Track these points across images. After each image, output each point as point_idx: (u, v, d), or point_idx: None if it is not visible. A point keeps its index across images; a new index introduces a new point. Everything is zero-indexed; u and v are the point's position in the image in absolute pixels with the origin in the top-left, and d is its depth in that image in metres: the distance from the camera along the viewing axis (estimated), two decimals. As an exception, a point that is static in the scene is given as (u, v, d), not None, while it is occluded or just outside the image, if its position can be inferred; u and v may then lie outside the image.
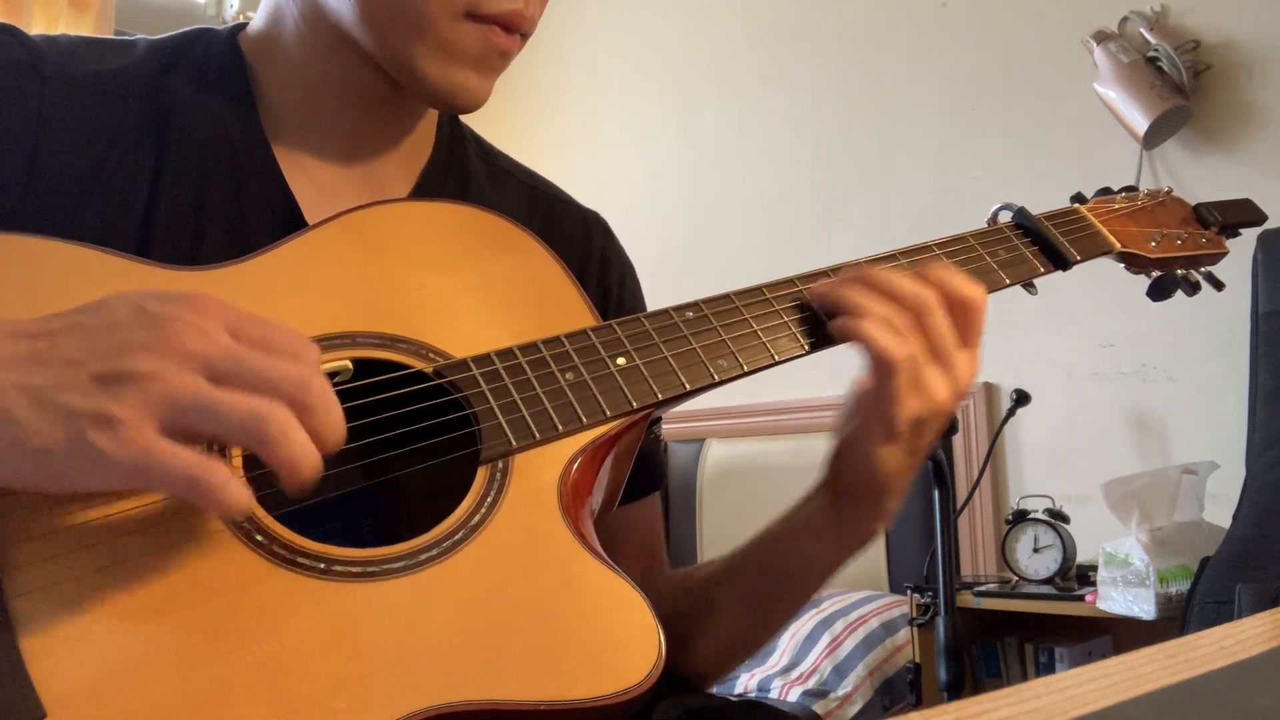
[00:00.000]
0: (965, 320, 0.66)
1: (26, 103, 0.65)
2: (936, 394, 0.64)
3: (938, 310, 0.65)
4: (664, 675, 0.75)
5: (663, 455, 0.86)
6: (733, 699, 0.78)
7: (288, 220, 0.70)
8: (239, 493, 0.45)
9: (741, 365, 0.66)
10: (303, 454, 0.45)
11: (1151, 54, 2.17)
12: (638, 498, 0.82)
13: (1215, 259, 0.88)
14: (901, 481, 0.68)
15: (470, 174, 0.81)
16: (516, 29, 0.69)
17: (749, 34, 2.98)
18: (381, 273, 0.64)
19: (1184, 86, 2.14)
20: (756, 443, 2.75)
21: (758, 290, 0.70)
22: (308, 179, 0.72)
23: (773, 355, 0.67)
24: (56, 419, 0.43)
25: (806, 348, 0.68)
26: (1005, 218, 0.81)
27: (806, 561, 0.74)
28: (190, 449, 0.44)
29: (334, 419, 0.47)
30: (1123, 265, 0.85)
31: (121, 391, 0.43)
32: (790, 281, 0.71)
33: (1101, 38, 2.22)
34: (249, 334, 0.48)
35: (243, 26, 0.77)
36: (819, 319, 0.69)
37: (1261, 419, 1.84)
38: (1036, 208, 0.82)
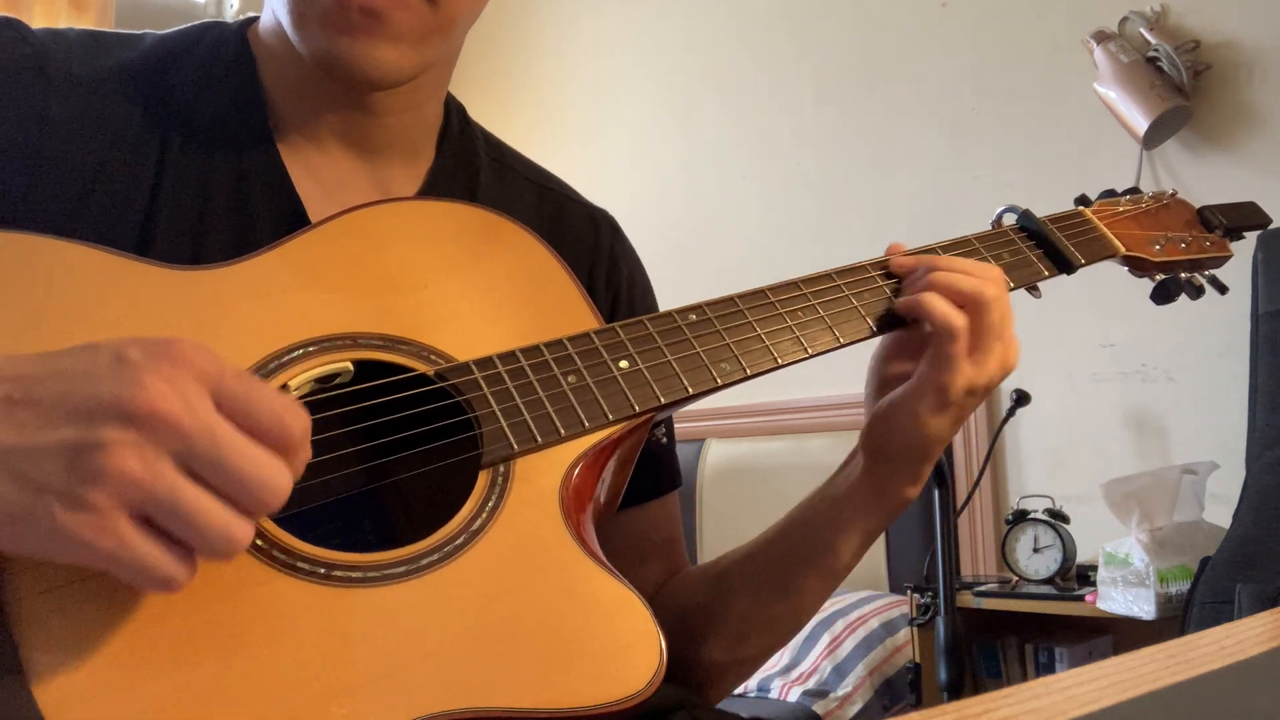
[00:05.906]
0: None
1: (30, 102, 0.65)
2: (990, 365, 0.68)
3: (998, 288, 0.70)
4: (674, 680, 0.75)
5: (675, 458, 0.85)
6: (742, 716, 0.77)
7: (291, 219, 0.69)
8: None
9: (744, 369, 0.66)
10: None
11: (1151, 54, 2.17)
12: (646, 499, 0.81)
13: (1219, 262, 0.88)
14: (940, 448, 0.71)
15: (478, 172, 0.80)
16: None
17: (749, 34, 2.98)
18: (384, 273, 0.64)
19: (1184, 86, 2.14)
20: (756, 443, 2.75)
21: (761, 293, 0.70)
22: (313, 178, 0.72)
23: (776, 359, 0.67)
24: (25, 490, 0.42)
25: (810, 351, 0.68)
26: (1009, 220, 0.80)
27: (842, 530, 0.74)
28: (159, 544, 0.43)
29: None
30: (1126, 268, 0.84)
31: (95, 471, 0.42)
32: (794, 284, 0.71)
33: (1101, 38, 2.22)
34: (232, 396, 0.45)
35: (253, 20, 0.75)
36: (823, 322, 0.69)
37: (1261, 419, 1.83)
38: (1036, 208, 0.81)
